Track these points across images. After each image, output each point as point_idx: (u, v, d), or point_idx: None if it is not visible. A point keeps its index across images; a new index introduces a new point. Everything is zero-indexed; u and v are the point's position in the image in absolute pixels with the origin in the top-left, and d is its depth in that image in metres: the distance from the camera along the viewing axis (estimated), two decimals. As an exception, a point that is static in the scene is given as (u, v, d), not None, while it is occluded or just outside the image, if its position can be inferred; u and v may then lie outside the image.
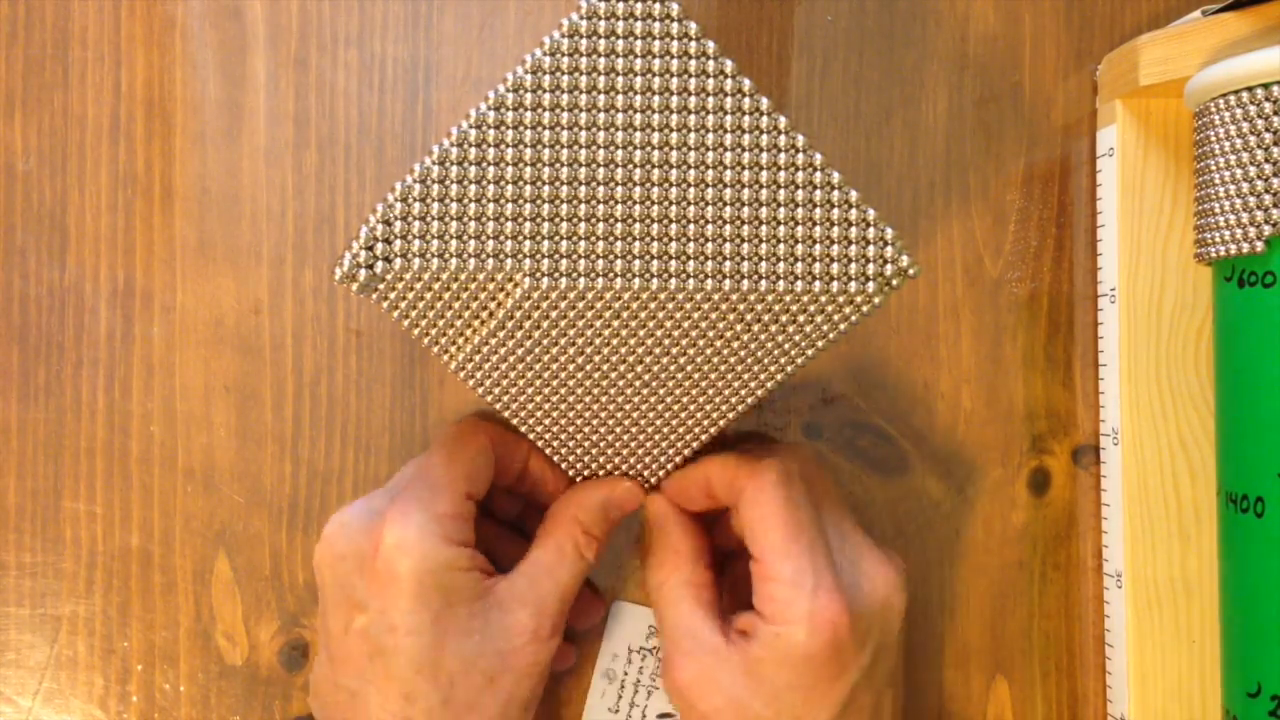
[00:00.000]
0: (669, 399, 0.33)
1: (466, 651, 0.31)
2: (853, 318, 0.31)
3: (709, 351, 0.31)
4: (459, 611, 0.31)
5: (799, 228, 0.30)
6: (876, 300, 0.30)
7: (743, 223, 0.30)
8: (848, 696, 0.31)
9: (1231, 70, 0.32)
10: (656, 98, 0.30)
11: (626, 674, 0.38)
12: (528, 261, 0.30)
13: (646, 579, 0.35)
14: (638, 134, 0.30)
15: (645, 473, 0.35)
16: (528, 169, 0.30)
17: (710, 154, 0.30)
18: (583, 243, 0.30)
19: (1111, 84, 0.38)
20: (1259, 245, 0.31)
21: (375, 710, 0.31)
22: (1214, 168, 0.33)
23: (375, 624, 0.31)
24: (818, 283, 0.30)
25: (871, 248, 0.30)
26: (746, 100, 0.30)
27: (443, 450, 0.34)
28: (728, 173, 0.30)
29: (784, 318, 0.31)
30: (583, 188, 0.30)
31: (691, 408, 0.33)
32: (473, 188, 0.30)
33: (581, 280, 0.30)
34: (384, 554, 0.31)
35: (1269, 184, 0.31)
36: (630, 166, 0.30)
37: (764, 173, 0.30)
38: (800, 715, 0.31)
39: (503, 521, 0.37)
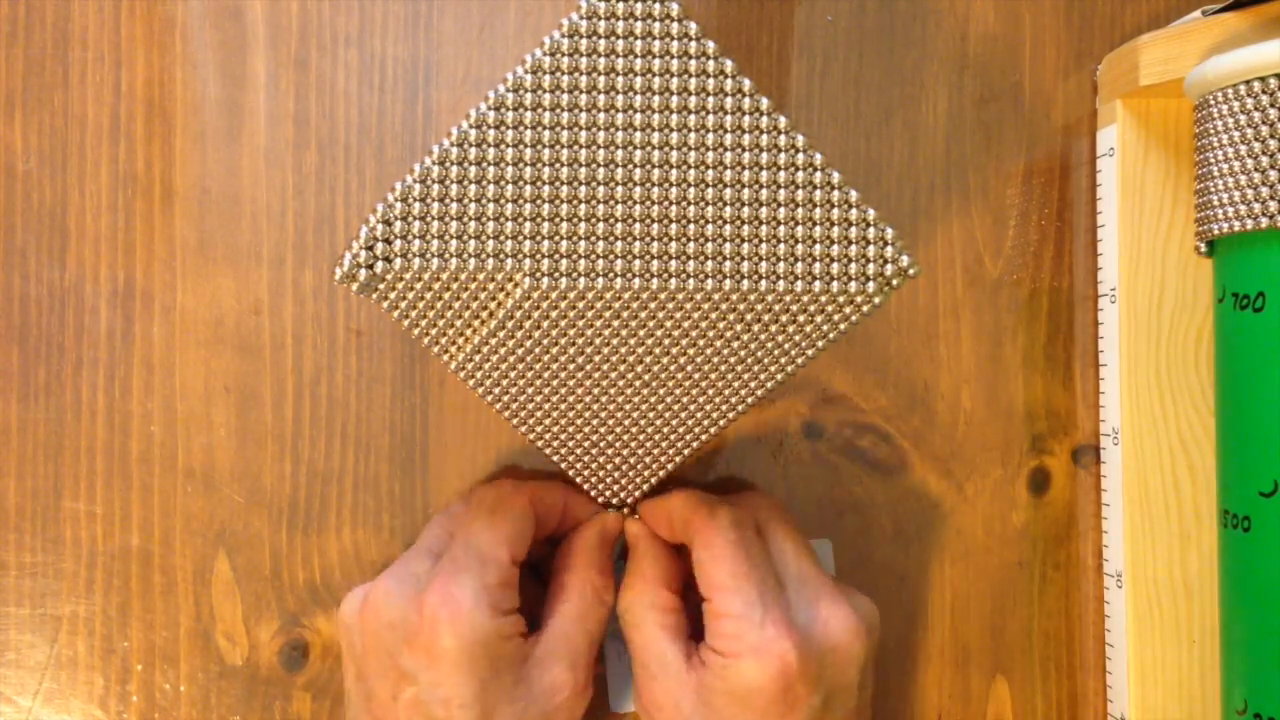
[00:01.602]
0: (669, 399, 0.33)
1: (514, 716, 0.32)
2: (853, 318, 0.31)
3: (709, 351, 0.31)
4: (505, 679, 0.32)
5: (799, 228, 0.30)
6: (876, 300, 0.30)
7: (743, 223, 0.30)
8: None
9: (1233, 62, 0.32)
10: (656, 98, 0.30)
11: None
12: (528, 261, 0.30)
13: (619, 599, 0.35)
14: (638, 134, 0.30)
15: (645, 473, 0.35)
16: (528, 169, 0.30)
17: (710, 154, 0.30)
18: (583, 243, 0.30)
19: (1111, 84, 0.38)
20: (1263, 221, 0.31)
21: None
22: (1214, 158, 0.33)
23: (426, 695, 0.31)
24: (818, 283, 0.30)
25: (871, 248, 0.30)
26: (746, 100, 0.30)
27: (487, 515, 0.34)
28: (728, 173, 0.30)
29: (784, 318, 0.31)
30: (583, 188, 0.30)
31: (691, 408, 0.33)
32: (473, 188, 0.30)
33: (581, 280, 0.30)
34: (434, 627, 0.31)
35: (1273, 160, 0.31)
36: (630, 166, 0.30)
37: (764, 173, 0.30)
38: None
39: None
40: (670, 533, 0.35)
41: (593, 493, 0.36)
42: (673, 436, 0.34)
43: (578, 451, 0.35)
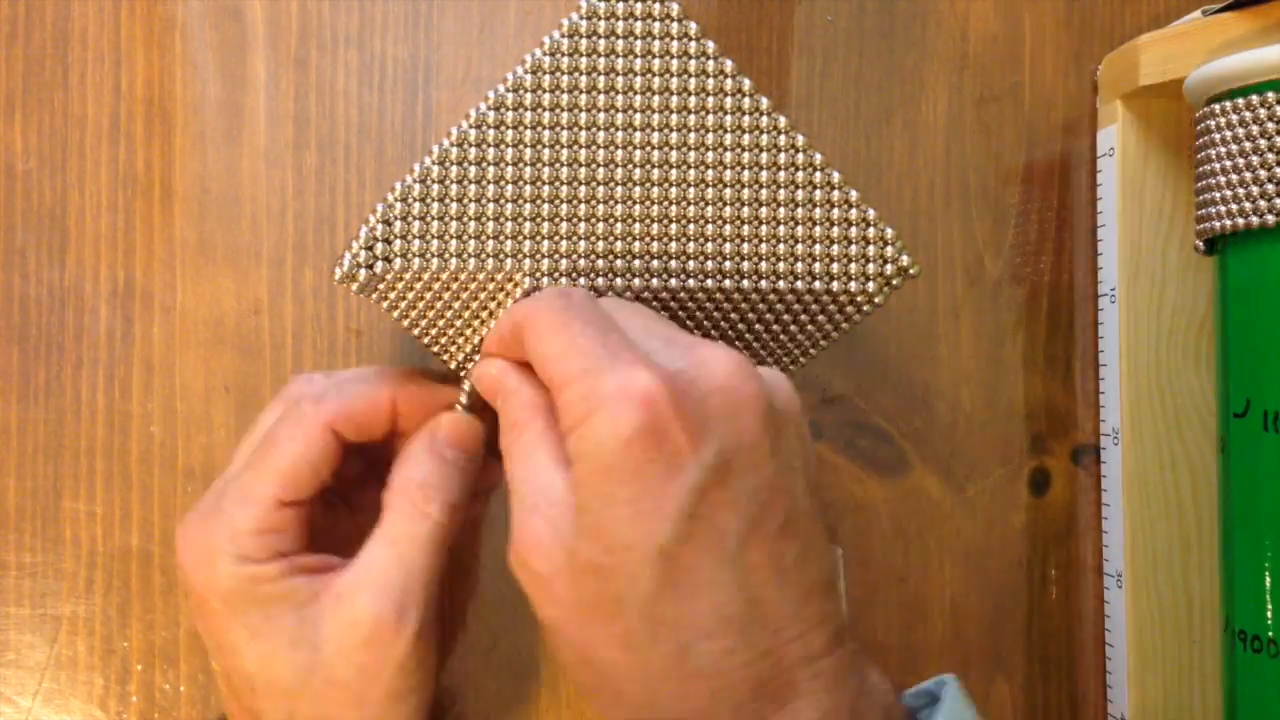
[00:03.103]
0: (669, 399, 0.33)
1: (300, 662, 0.28)
2: (853, 317, 0.31)
3: (709, 351, 0.31)
4: (284, 621, 0.28)
5: (799, 227, 0.30)
6: (877, 300, 0.30)
7: (743, 222, 0.30)
8: (689, 504, 0.24)
9: (1231, 66, 0.32)
10: (656, 98, 0.30)
11: None
12: (528, 261, 0.30)
13: (502, 447, 0.28)
14: (638, 134, 0.30)
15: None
16: (528, 169, 0.30)
17: (710, 154, 0.30)
18: (583, 243, 0.30)
19: (1111, 84, 0.38)
20: (1270, 219, 0.31)
21: None
22: (1214, 155, 0.33)
23: (211, 642, 0.29)
24: (817, 282, 0.30)
25: (871, 247, 0.30)
26: (746, 100, 0.30)
27: (258, 446, 0.30)
28: (728, 172, 0.30)
29: (784, 317, 0.31)
30: (583, 187, 0.30)
31: (691, 408, 0.33)
32: (473, 187, 0.30)
33: (581, 280, 0.30)
34: (186, 576, 0.29)
35: (1273, 160, 0.31)
36: (630, 166, 0.30)
37: (764, 172, 0.30)
38: (632, 542, 0.24)
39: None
40: (513, 354, 0.29)
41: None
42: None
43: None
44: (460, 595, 0.34)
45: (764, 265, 0.30)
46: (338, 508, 0.32)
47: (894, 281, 0.30)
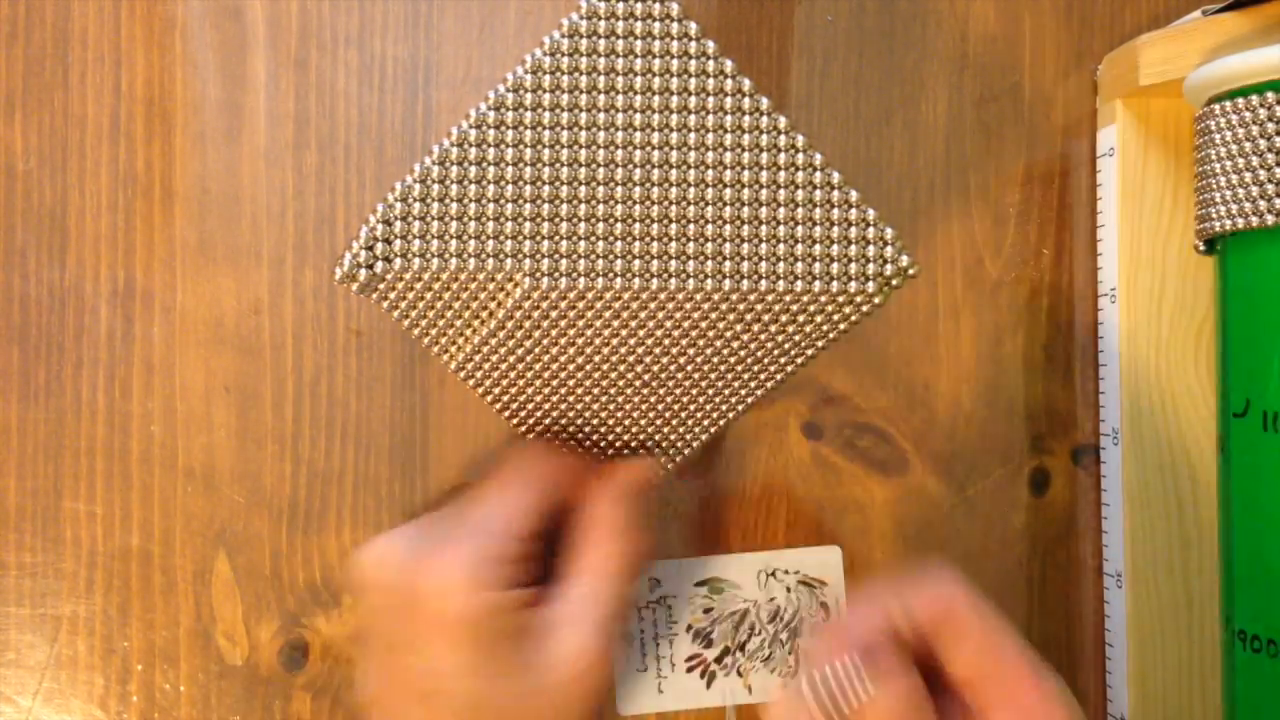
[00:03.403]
0: (669, 399, 0.33)
1: (521, 688, 0.30)
2: (853, 318, 0.31)
3: (709, 351, 0.31)
4: (505, 651, 0.30)
5: (799, 227, 0.30)
6: (876, 300, 0.30)
7: (743, 223, 0.30)
8: None
9: (1231, 66, 0.32)
10: (656, 98, 0.30)
11: (643, 630, 0.38)
12: (528, 261, 0.30)
13: None
14: (638, 134, 0.30)
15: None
16: (528, 169, 0.30)
17: (710, 154, 0.30)
18: (583, 243, 0.30)
19: (1111, 84, 0.38)
20: (1270, 219, 0.31)
21: None
22: (1214, 155, 0.33)
23: (423, 667, 0.30)
24: (818, 283, 0.30)
25: (871, 248, 0.30)
26: (746, 100, 0.30)
27: (499, 484, 0.32)
28: (728, 173, 0.30)
29: (784, 318, 0.31)
30: (583, 187, 0.30)
31: (691, 408, 0.33)
32: (473, 188, 0.30)
33: (581, 280, 0.30)
34: (424, 598, 0.30)
35: (1274, 160, 0.31)
36: (630, 166, 0.30)
37: (764, 173, 0.30)
38: None
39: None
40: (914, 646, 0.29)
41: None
42: (673, 436, 0.34)
43: (578, 451, 0.35)
44: None
45: (764, 266, 0.30)
46: None
47: (894, 282, 0.30)
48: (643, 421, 0.34)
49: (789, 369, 0.32)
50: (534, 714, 0.30)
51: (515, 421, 0.34)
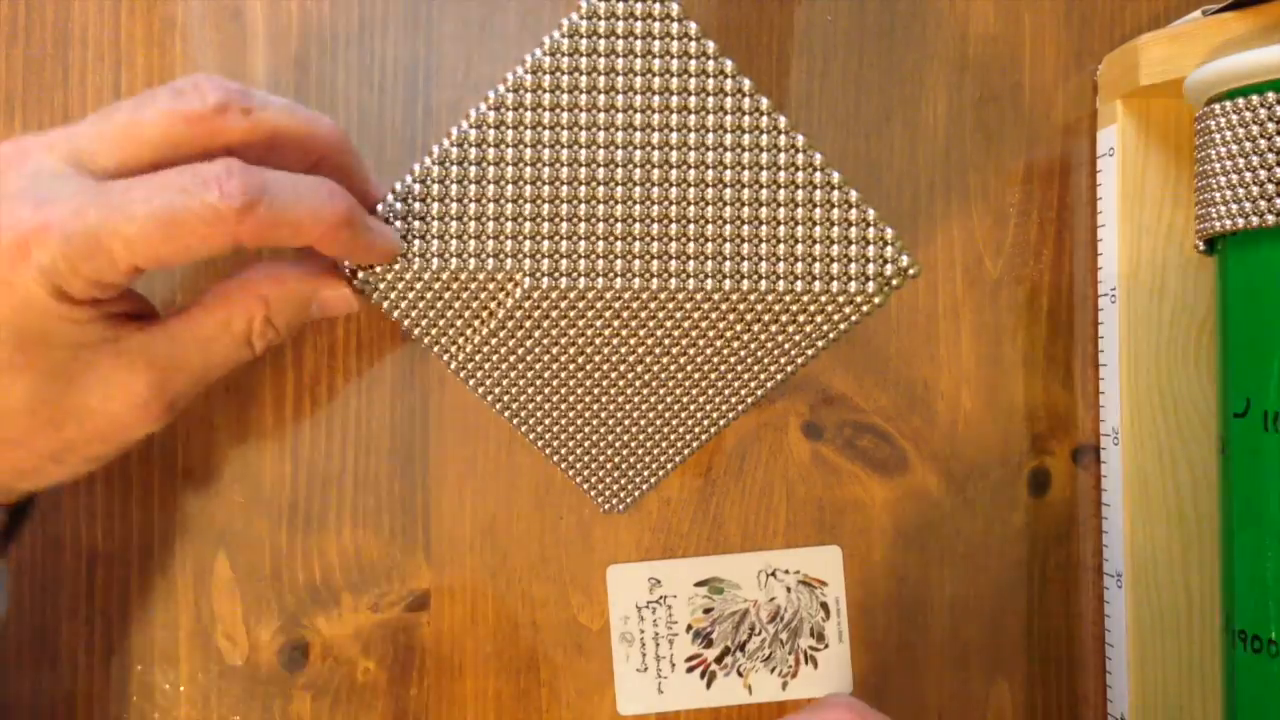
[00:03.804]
0: (669, 399, 0.33)
1: (40, 393, 0.27)
2: (853, 318, 0.31)
3: (709, 351, 0.31)
4: (57, 352, 0.27)
5: (799, 228, 0.30)
6: (876, 300, 0.30)
7: (743, 223, 0.30)
8: None
9: (1231, 66, 0.32)
10: (656, 98, 0.30)
11: (643, 631, 0.38)
12: (528, 261, 0.30)
13: None
14: (638, 134, 0.30)
15: (645, 473, 0.35)
16: (528, 169, 0.30)
17: (710, 154, 0.30)
18: (583, 243, 0.30)
19: (1111, 84, 0.38)
20: (1270, 219, 0.31)
21: None
22: (1214, 155, 0.33)
23: None
24: (818, 283, 0.30)
25: (871, 248, 0.30)
26: (746, 100, 0.30)
27: (146, 202, 0.26)
28: (727, 173, 0.30)
29: (784, 318, 0.31)
30: (583, 187, 0.30)
31: (691, 408, 0.33)
32: (473, 188, 0.30)
33: (581, 280, 0.30)
34: None
35: (1274, 160, 0.31)
36: (630, 166, 0.30)
37: (764, 173, 0.30)
38: None
39: None
40: None
41: (593, 494, 0.36)
42: (673, 436, 0.34)
43: (578, 452, 0.35)
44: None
45: (764, 266, 0.30)
46: None
47: (894, 282, 0.30)
48: (643, 421, 0.34)
49: (789, 369, 0.32)
50: (38, 420, 0.27)
51: (515, 421, 0.34)
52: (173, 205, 0.25)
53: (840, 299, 0.30)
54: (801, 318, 0.31)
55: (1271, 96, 0.31)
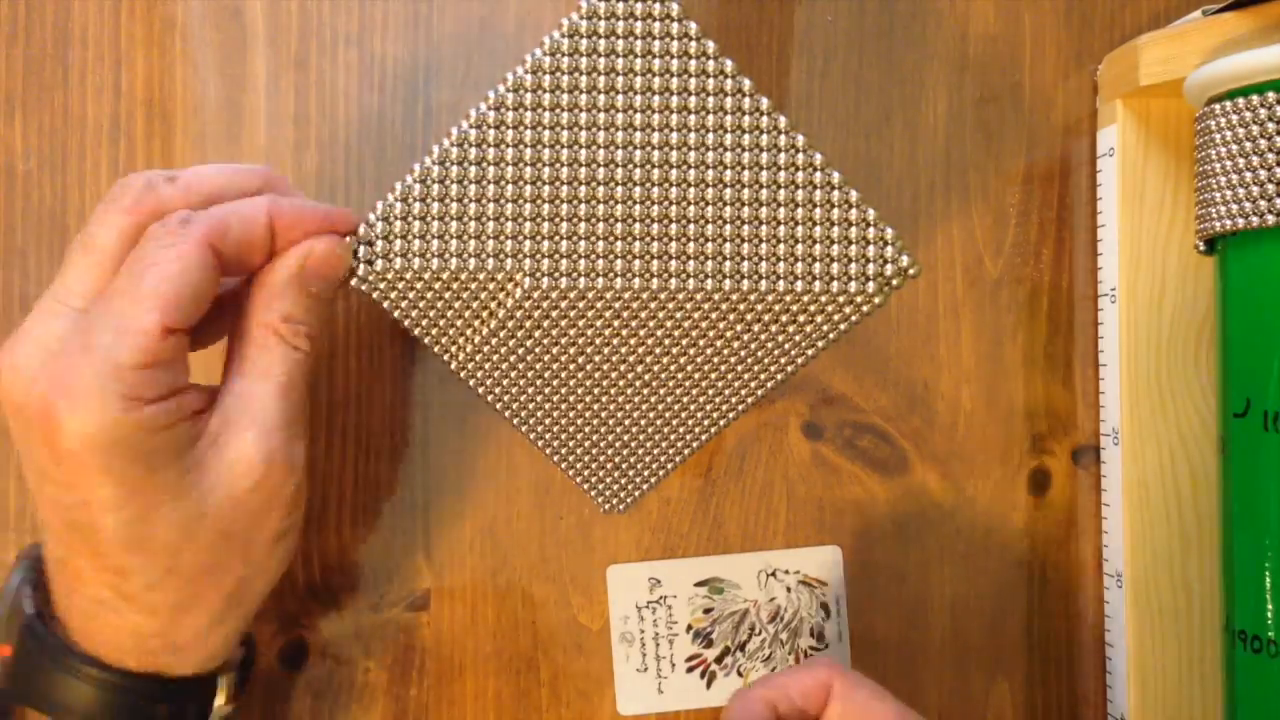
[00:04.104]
0: (669, 399, 0.33)
1: (185, 514, 0.26)
2: (853, 318, 0.31)
3: (709, 351, 0.31)
4: (167, 473, 0.26)
5: (799, 228, 0.30)
6: (877, 300, 0.30)
7: (743, 223, 0.30)
8: None
9: (1231, 66, 0.32)
10: (656, 98, 0.30)
11: (643, 631, 0.38)
12: (528, 261, 0.30)
13: None
14: (638, 134, 0.30)
15: (646, 473, 0.35)
16: (528, 169, 0.30)
17: (710, 154, 0.30)
18: (583, 243, 0.30)
19: (1112, 84, 0.38)
20: (1270, 219, 0.31)
21: (90, 585, 0.27)
22: (1214, 155, 0.33)
23: (65, 497, 0.26)
24: (818, 283, 0.30)
25: (871, 248, 0.30)
26: (746, 100, 0.30)
27: (131, 272, 0.26)
28: (728, 173, 0.30)
29: (784, 318, 0.31)
30: (583, 188, 0.30)
31: (691, 408, 0.33)
32: (473, 188, 0.30)
33: (582, 280, 0.30)
34: (51, 423, 0.25)
35: (1271, 173, 0.31)
36: (630, 166, 0.30)
37: (764, 173, 0.30)
38: None
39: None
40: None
41: (593, 494, 0.36)
42: (673, 436, 0.34)
43: (578, 452, 0.35)
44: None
45: (764, 266, 0.30)
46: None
47: (894, 282, 0.30)
48: (643, 421, 0.34)
49: (789, 369, 0.32)
50: (205, 538, 0.27)
51: (515, 421, 0.34)
52: (145, 256, 0.26)
53: (840, 299, 0.30)
54: (801, 318, 0.31)
55: (1271, 96, 0.31)
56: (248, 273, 0.29)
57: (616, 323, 0.31)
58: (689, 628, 0.38)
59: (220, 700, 0.30)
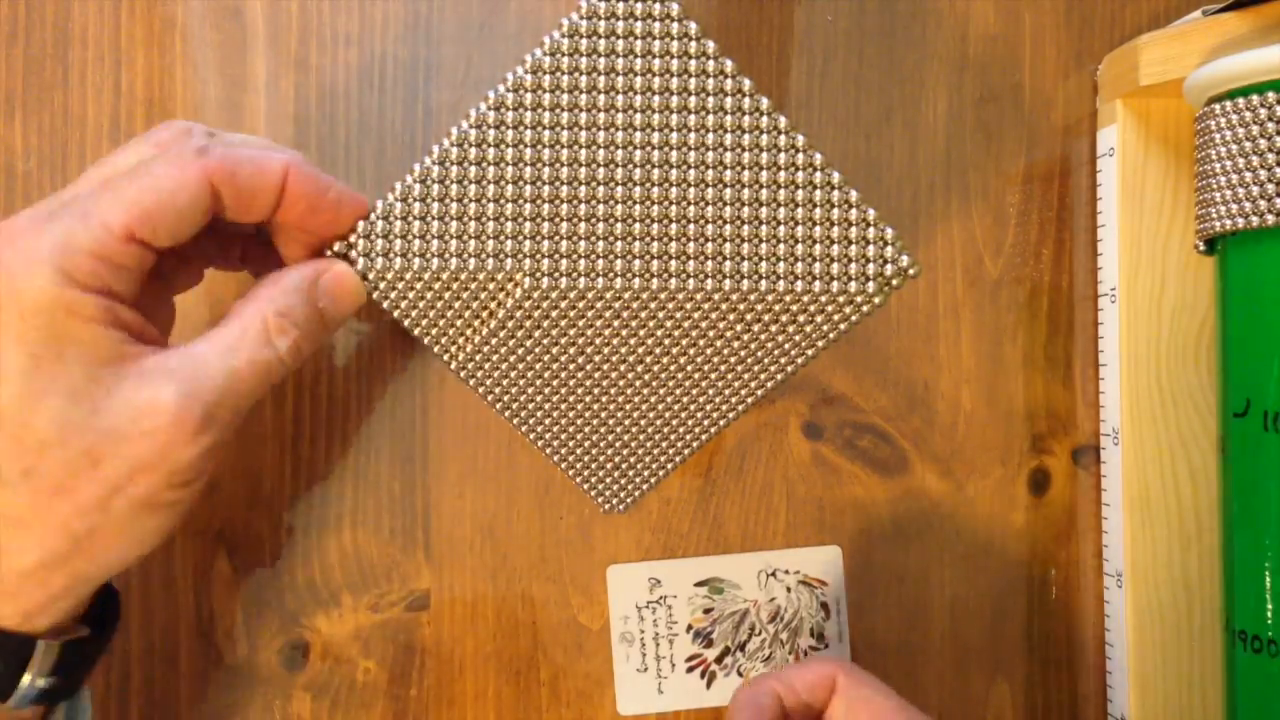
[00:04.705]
0: (669, 399, 0.33)
1: (70, 418, 0.25)
2: (853, 318, 0.31)
3: (709, 351, 0.31)
4: (74, 369, 0.25)
5: (799, 228, 0.30)
6: (876, 300, 0.30)
7: (743, 223, 0.30)
8: None
9: (1231, 66, 0.32)
10: (656, 98, 0.30)
11: (643, 631, 0.38)
12: (528, 261, 0.30)
13: None
14: (638, 134, 0.30)
15: (646, 473, 0.35)
16: (528, 169, 0.30)
17: (710, 154, 0.30)
18: (583, 243, 0.30)
19: (1112, 84, 0.38)
20: (1270, 219, 0.31)
21: None
22: (1214, 155, 0.33)
23: None
24: (818, 283, 0.30)
25: (871, 248, 0.30)
26: (746, 100, 0.30)
27: (125, 176, 0.27)
28: (728, 173, 0.30)
29: (784, 318, 0.31)
30: (583, 187, 0.30)
31: (691, 408, 0.33)
32: (473, 188, 0.30)
33: (582, 280, 0.30)
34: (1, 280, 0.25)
35: (1271, 173, 0.31)
36: (630, 166, 0.30)
37: (764, 173, 0.30)
38: None
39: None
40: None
41: (593, 494, 0.36)
42: (673, 436, 0.34)
43: (578, 452, 0.35)
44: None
45: (764, 266, 0.30)
46: (155, 279, 0.29)
47: (894, 282, 0.30)
48: (643, 421, 0.34)
49: (789, 369, 0.32)
50: (72, 454, 0.25)
51: (515, 421, 0.34)
52: (143, 159, 0.27)
53: (840, 299, 0.30)
54: (801, 318, 0.31)
55: (1271, 96, 0.31)
56: (246, 221, 0.29)
57: (616, 323, 0.31)
58: (689, 628, 0.38)
59: (29, 672, 0.27)
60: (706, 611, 0.39)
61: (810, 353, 0.32)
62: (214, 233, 0.29)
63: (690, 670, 0.38)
